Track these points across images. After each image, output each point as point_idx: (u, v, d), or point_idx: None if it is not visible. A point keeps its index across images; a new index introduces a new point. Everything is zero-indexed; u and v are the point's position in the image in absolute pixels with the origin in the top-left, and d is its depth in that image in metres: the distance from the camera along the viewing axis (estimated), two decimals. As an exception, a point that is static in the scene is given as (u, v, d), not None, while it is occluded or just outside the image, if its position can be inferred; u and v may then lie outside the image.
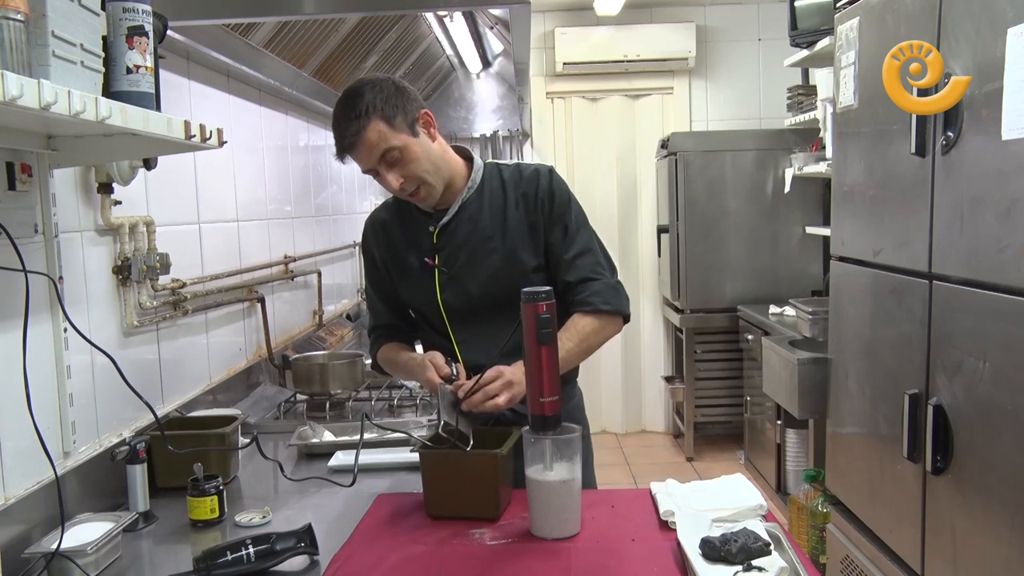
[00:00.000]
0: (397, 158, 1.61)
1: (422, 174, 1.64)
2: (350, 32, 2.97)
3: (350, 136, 1.58)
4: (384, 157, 1.60)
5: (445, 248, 1.73)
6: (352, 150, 1.60)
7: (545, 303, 1.43)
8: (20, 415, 1.37)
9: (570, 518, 1.44)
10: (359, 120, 1.57)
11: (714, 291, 4.63)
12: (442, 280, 1.74)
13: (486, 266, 1.71)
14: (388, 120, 1.59)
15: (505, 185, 1.75)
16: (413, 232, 1.77)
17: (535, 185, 1.73)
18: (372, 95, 1.59)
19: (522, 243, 1.71)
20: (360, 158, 1.61)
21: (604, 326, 1.72)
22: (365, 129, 1.58)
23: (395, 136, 1.60)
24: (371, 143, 1.59)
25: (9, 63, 1.02)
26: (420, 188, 1.66)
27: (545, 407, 1.44)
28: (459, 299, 1.72)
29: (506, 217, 1.72)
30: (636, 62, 5.10)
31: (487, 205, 1.73)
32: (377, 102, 1.59)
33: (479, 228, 1.72)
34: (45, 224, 1.55)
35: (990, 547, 1.73)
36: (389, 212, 1.84)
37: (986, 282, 1.74)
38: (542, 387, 1.44)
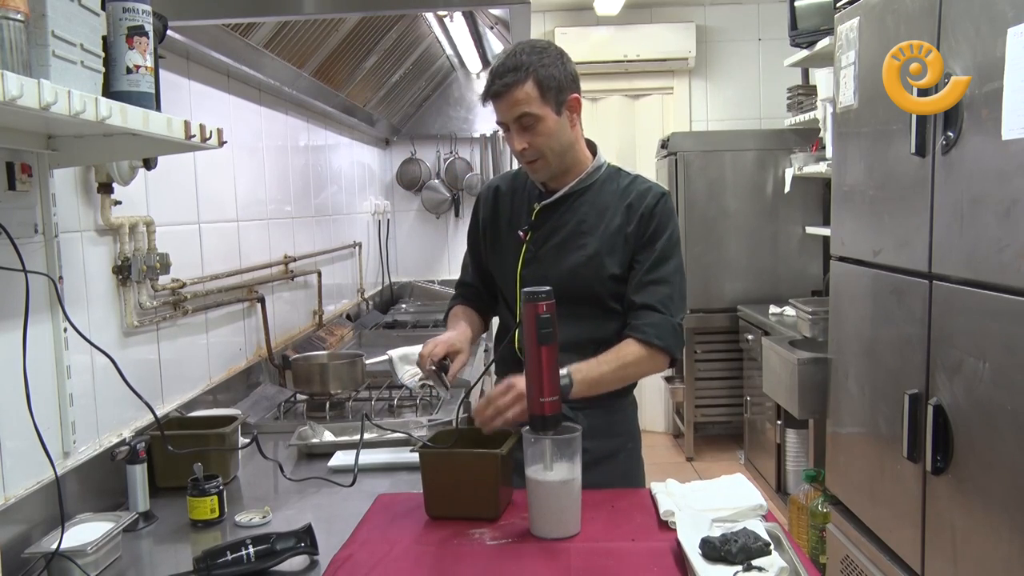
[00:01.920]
0: (531, 124, 1.65)
1: (546, 149, 1.69)
2: (350, 32, 2.97)
3: (500, 85, 1.63)
4: (521, 118, 1.65)
5: (541, 227, 1.77)
6: (497, 98, 1.65)
7: (545, 303, 1.43)
8: (20, 415, 1.37)
9: (570, 518, 1.44)
10: (516, 73, 1.62)
11: (714, 291, 4.63)
12: (527, 256, 1.77)
13: (570, 258, 1.73)
14: (541, 87, 1.64)
15: (619, 190, 1.77)
16: (520, 206, 1.82)
17: (643, 201, 1.74)
18: (539, 59, 1.64)
19: (611, 249, 1.72)
20: (500, 108, 1.66)
21: (649, 360, 1.69)
22: (517, 85, 1.62)
23: (540, 105, 1.65)
24: (516, 100, 1.63)
25: (9, 63, 1.02)
26: (539, 160, 1.70)
27: (545, 407, 1.44)
28: (536, 280, 1.66)
29: (607, 220, 1.74)
30: (636, 62, 5.10)
31: (594, 203, 1.76)
32: (540, 68, 1.64)
33: (577, 220, 1.75)
34: (45, 224, 1.55)
35: (990, 547, 1.73)
36: (506, 182, 1.89)
37: (986, 282, 1.74)
38: (542, 387, 1.44)
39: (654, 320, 1.68)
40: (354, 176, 4.40)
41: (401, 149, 5.25)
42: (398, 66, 3.88)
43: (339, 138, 4.08)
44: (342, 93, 3.51)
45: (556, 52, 1.69)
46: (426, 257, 5.20)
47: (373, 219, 4.79)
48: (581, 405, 1.68)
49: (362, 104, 3.95)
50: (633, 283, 1.72)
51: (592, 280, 1.71)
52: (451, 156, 5.19)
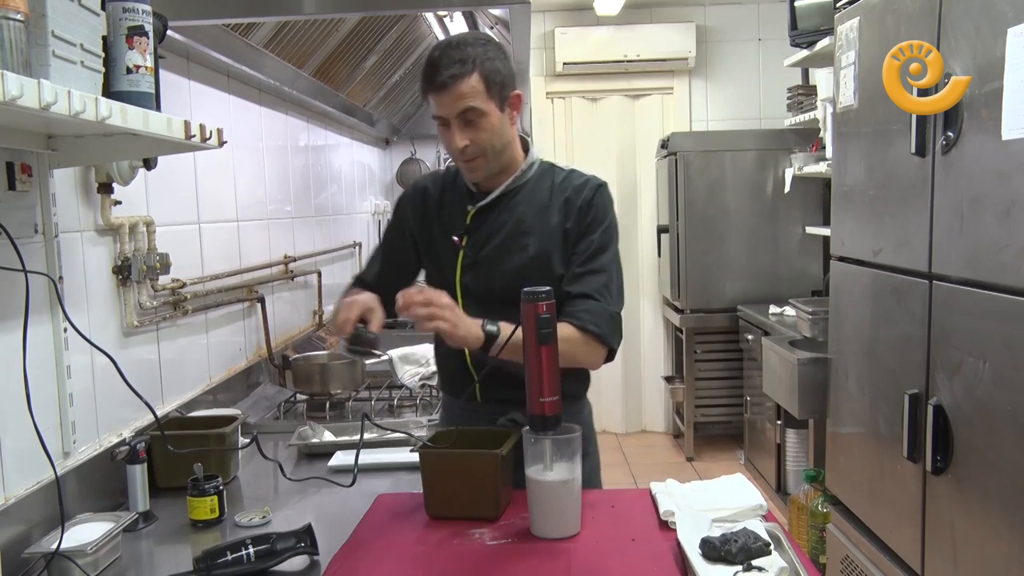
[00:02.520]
0: (474, 120, 1.59)
1: (488, 147, 1.62)
2: (350, 32, 2.97)
3: (445, 76, 1.55)
4: (465, 113, 1.58)
5: (477, 231, 1.70)
6: (441, 91, 1.56)
7: (545, 303, 1.42)
8: (20, 415, 1.37)
9: (570, 518, 1.44)
10: (462, 66, 1.55)
11: (714, 291, 4.63)
12: (464, 263, 1.70)
13: (513, 260, 1.67)
14: (487, 82, 1.58)
15: (554, 187, 1.71)
16: (450, 208, 1.75)
17: (580, 194, 1.69)
18: (484, 52, 1.58)
19: (554, 248, 1.68)
20: (443, 102, 1.58)
21: (583, 345, 1.61)
22: (464, 78, 1.55)
23: (485, 100, 1.58)
24: (461, 93, 1.56)
25: (9, 63, 1.02)
26: (478, 158, 1.64)
27: (545, 407, 1.43)
28: (479, 286, 1.69)
29: (546, 218, 1.69)
30: (636, 62, 5.10)
31: (531, 201, 1.70)
32: (486, 61, 1.57)
33: (516, 221, 1.69)
34: (45, 224, 1.55)
35: (990, 547, 1.73)
36: (434, 183, 1.81)
37: (986, 282, 1.74)
38: (542, 387, 1.43)
39: (590, 307, 1.62)
40: (354, 176, 4.40)
41: (401, 149, 5.25)
42: (398, 66, 3.88)
43: (339, 138, 4.08)
44: (342, 93, 3.51)
45: (498, 46, 1.62)
46: (426, 257, 5.20)
47: (373, 219, 4.79)
48: None
49: (362, 104, 3.95)
50: (569, 275, 1.67)
51: (538, 281, 1.55)
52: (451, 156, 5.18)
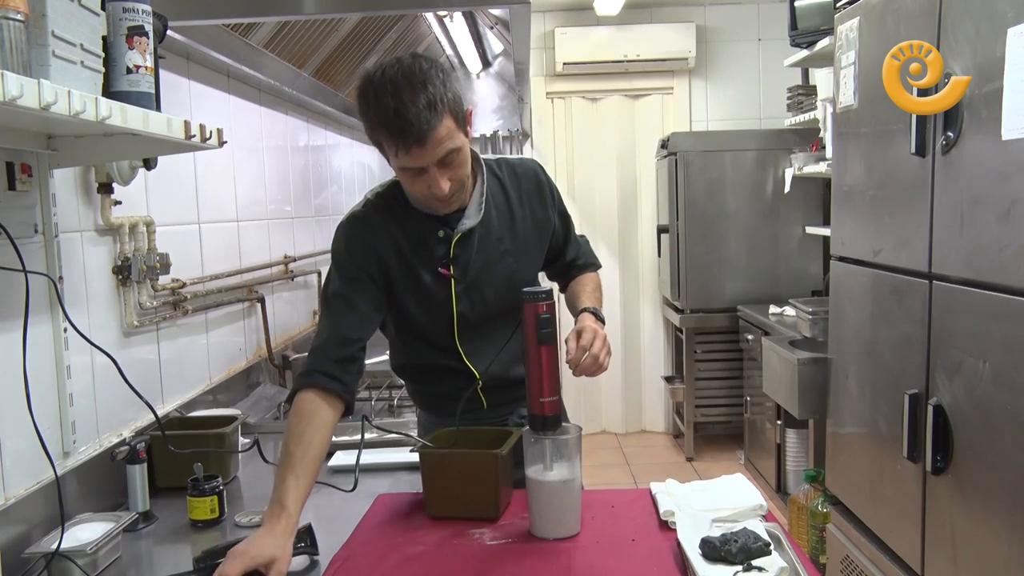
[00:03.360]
0: (452, 160, 1.44)
1: (463, 177, 1.50)
2: (350, 32, 2.97)
3: (423, 126, 1.36)
4: (445, 157, 1.42)
5: (459, 257, 1.59)
6: (423, 143, 1.37)
7: (545, 303, 1.42)
8: (20, 415, 1.37)
9: (570, 518, 1.44)
10: (432, 111, 1.37)
11: (714, 291, 4.63)
12: (458, 291, 1.60)
13: (501, 270, 1.63)
14: (455, 116, 1.42)
15: (503, 183, 1.66)
16: (417, 239, 1.59)
17: (535, 180, 1.69)
18: (440, 86, 1.39)
19: (530, 241, 1.67)
20: (421, 154, 1.39)
21: None
22: (439, 124, 1.38)
23: (458, 135, 1.43)
24: (440, 140, 1.39)
25: (9, 63, 1.02)
26: (456, 193, 1.51)
27: (545, 407, 1.43)
28: (475, 309, 1.62)
29: (512, 216, 1.65)
30: (636, 62, 5.10)
31: (494, 207, 1.63)
32: (448, 94, 1.40)
33: (488, 231, 1.62)
34: (45, 224, 1.55)
35: (990, 547, 1.73)
36: (380, 214, 1.59)
37: (986, 282, 1.74)
38: (542, 387, 1.43)
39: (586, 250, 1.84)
40: (354, 176, 4.40)
41: (401, 149, 5.23)
42: (398, 66, 3.87)
43: (339, 138, 4.08)
44: (342, 93, 3.51)
45: (444, 67, 1.44)
46: (426, 257, 5.19)
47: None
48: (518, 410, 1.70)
49: (362, 104, 3.94)
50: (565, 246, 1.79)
51: (530, 279, 1.69)
52: (451, 156, 5.18)
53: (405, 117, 1.36)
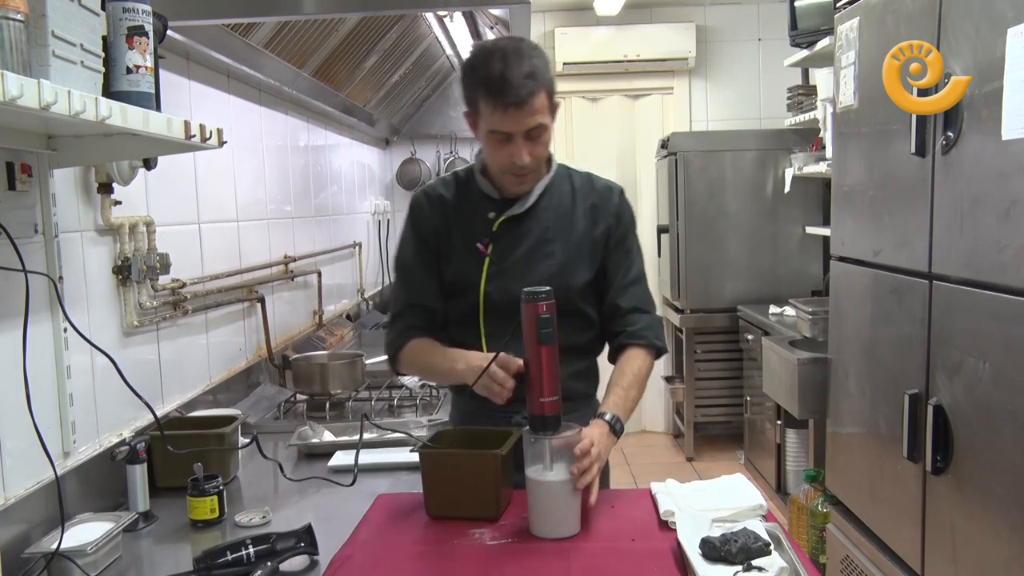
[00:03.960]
0: (538, 136, 1.56)
1: (541, 158, 1.61)
2: (350, 32, 2.97)
3: (523, 93, 1.48)
4: (532, 129, 1.54)
5: (502, 239, 1.65)
6: (515, 107, 1.49)
7: (545, 303, 1.43)
8: (20, 415, 1.37)
9: (570, 518, 1.44)
10: (534, 80, 1.49)
11: (714, 291, 4.63)
12: (490, 271, 1.66)
13: (540, 269, 1.64)
14: (549, 96, 1.55)
15: (575, 192, 1.70)
16: (469, 215, 1.69)
17: (607, 200, 1.70)
18: (543, 64, 1.53)
19: (581, 255, 1.67)
20: (515, 118, 1.51)
21: (651, 363, 1.71)
22: (536, 94, 1.50)
23: (547, 115, 1.55)
24: (534, 110, 1.51)
25: (9, 63, 1.02)
26: (532, 172, 1.61)
27: (545, 407, 1.44)
28: (503, 295, 1.63)
29: (572, 224, 1.67)
30: (636, 62, 5.10)
31: (554, 206, 1.68)
32: (547, 74, 1.53)
33: (542, 228, 1.66)
34: (45, 224, 1.55)
35: (990, 547, 1.73)
36: (448, 189, 1.73)
37: (986, 282, 1.73)
38: (542, 387, 1.44)
39: (646, 322, 1.70)
40: (354, 176, 4.40)
41: (401, 149, 5.25)
42: (398, 66, 3.88)
43: (339, 138, 4.08)
44: (342, 93, 3.51)
45: (543, 52, 1.58)
46: (426, 257, 5.19)
47: (373, 219, 4.79)
48: None
49: (362, 104, 3.95)
50: (614, 289, 1.70)
51: (565, 289, 1.61)
52: (451, 156, 5.19)
53: (509, 80, 1.48)
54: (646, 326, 1.69)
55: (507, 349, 1.53)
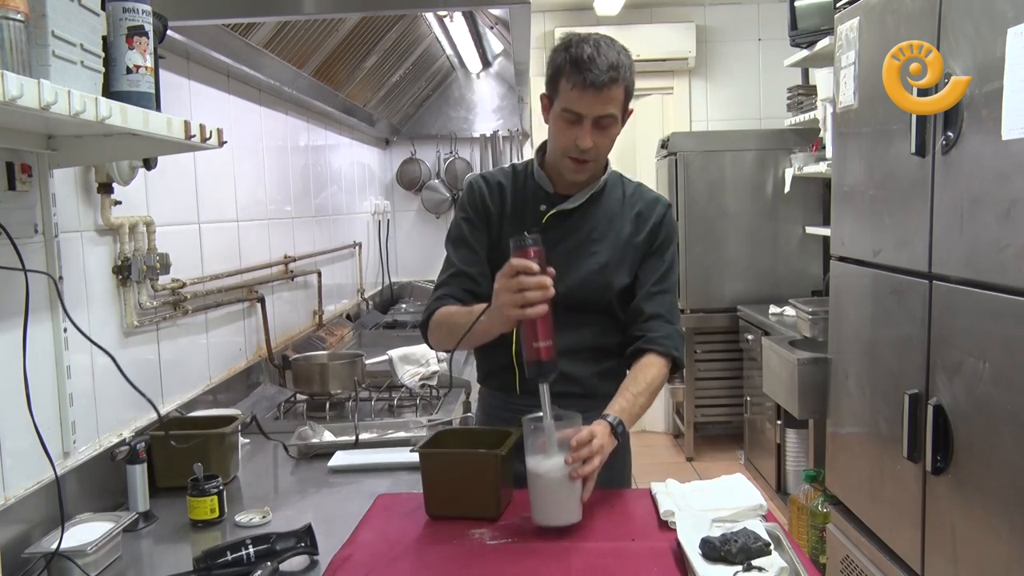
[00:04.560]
0: (607, 126, 1.62)
1: (604, 151, 1.67)
2: (350, 32, 2.97)
3: (605, 77, 1.55)
4: (603, 118, 1.60)
5: (550, 232, 1.67)
6: (593, 89, 1.55)
7: (533, 248, 1.43)
8: (20, 415, 1.37)
9: (572, 506, 1.44)
10: (615, 71, 1.57)
11: (714, 291, 4.63)
12: None
13: (581, 268, 1.68)
14: (627, 94, 1.62)
15: (625, 198, 1.75)
16: (522, 206, 1.74)
17: (653, 210, 1.74)
18: (631, 64, 1.62)
19: (622, 259, 1.70)
20: (590, 100, 1.57)
21: (666, 373, 1.70)
22: (616, 84, 1.58)
23: (620, 110, 1.62)
24: (610, 98, 1.58)
25: (9, 63, 1.02)
26: (591, 162, 1.66)
27: (540, 352, 1.43)
28: None
29: (616, 229, 1.71)
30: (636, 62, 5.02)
31: (603, 210, 1.73)
32: (631, 75, 1.62)
33: (588, 227, 1.71)
34: (45, 224, 1.55)
35: (990, 547, 1.73)
36: (507, 180, 1.78)
37: (986, 282, 1.74)
38: (536, 332, 1.43)
39: (668, 331, 1.70)
40: (354, 176, 4.40)
41: (401, 149, 5.25)
42: (398, 66, 3.88)
43: (339, 138, 4.08)
44: (342, 93, 3.51)
45: (630, 55, 1.65)
46: (426, 257, 5.19)
47: (373, 219, 4.79)
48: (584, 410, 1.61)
49: (362, 104, 3.95)
50: (642, 292, 1.72)
51: (603, 289, 1.68)
52: (451, 156, 5.19)
53: (595, 62, 1.55)
54: (667, 335, 1.70)
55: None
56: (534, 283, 1.40)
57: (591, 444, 1.44)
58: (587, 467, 1.43)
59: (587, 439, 1.44)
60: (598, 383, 1.71)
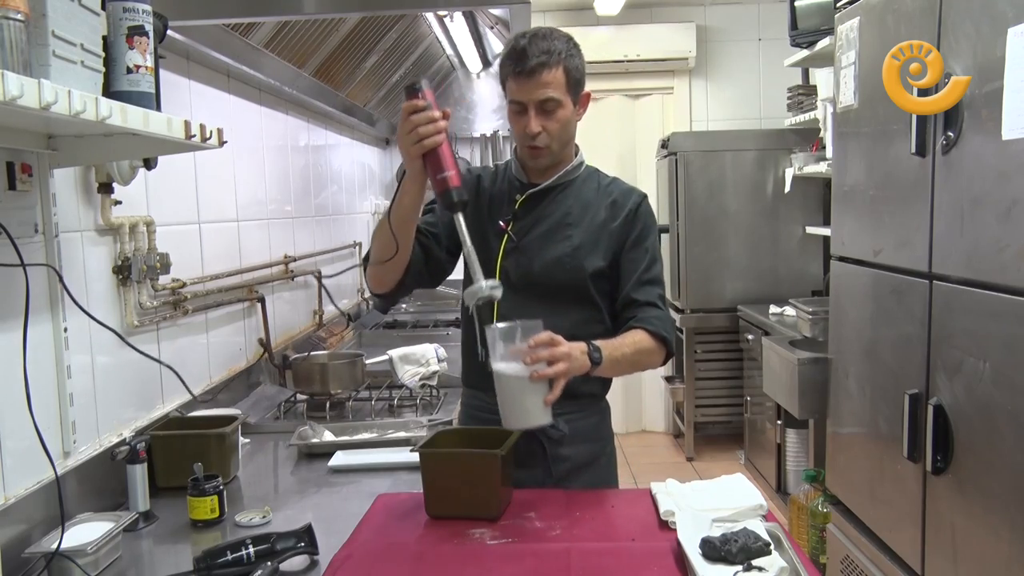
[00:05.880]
0: (552, 110, 1.65)
1: (556, 137, 1.69)
2: (350, 32, 2.97)
3: (534, 63, 1.61)
4: (545, 102, 1.64)
5: (523, 218, 1.75)
6: (530, 76, 1.62)
7: (424, 91, 1.50)
8: (20, 415, 1.37)
9: (535, 408, 1.45)
10: (550, 56, 1.62)
11: (714, 291, 4.63)
12: (508, 247, 1.73)
13: (555, 249, 1.72)
14: (568, 76, 1.65)
15: (600, 189, 1.78)
16: (499, 196, 1.79)
17: (628, 198, 1.77)
18: (567, 48, 1.66)
19: (595, 243, 1.73)
20: (526, 87, 1.63)
21: (656, 352, 1.72)
22: (551, 67, 1.62)
23: (563, 92, 1.65)
24: (546, 82, 1.62)
25: (9, 63, 1.02)
26: (545, 147, 1.69)
27: (448, 181, 1.51)
28: (519, 271, 1.72)
29: (591, 215, 1.75)
30: (636, 62, 5.10)
31: (577, 197, 1.76)
32: (569, 57, 1.65)
33: (562, 212, 1.74)
34: (45, 224, 1.55)
35: (990, 547, 1.73)
36: (487, 175, 1.85)
37: (986, 282, 1.74)
38: (439, 164, 1.52)
39: (659, 315, 1.73)
40: (354, 176, 4.40)
41: (401, 149, 5.24)
42: (398, 66, 3.88)
43: (339, 138, 4.08)
44: (342, 93, 3.51)
45: (577, 45, 1.70)
46: (426, 257, 5.19)
47: (373, 219, 4.78)
48: (563, 411, 1.65)
49: (362, 104, 3.95)
50: (632, 282, 1.74)
51: (576, 271, 1.71)
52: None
53: (525, 51, 1.62)
54: (657, 317, 1.73)
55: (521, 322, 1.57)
56: (424, 118, 1.49)
57: (554, 347, 1.48)
58: (549, 369, 1.46)
59: (545, 339, 1.48)
60: (581, 385, 1.67)
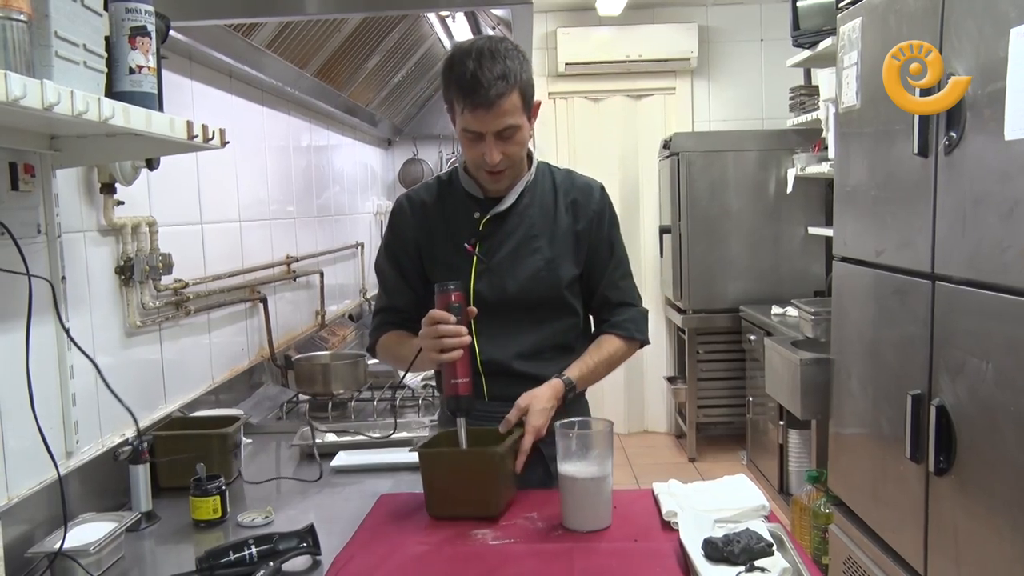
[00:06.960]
0: (509, 136, 1.57)
1: (516, 158, 1.63)
2: (352, 32, 2.97)
3: (492, 94, 1.50)
4: (504, 130, 1.55)
5: (489, 238, 1.68)
6: (489, 108, 1.51)
7: (454, 292, 1.53)
8: (23, 415, 1.37)
9: (601, 511, 1.47)
10: (504, 82, 1.51)
11: (716, 291, 4.63)
12: (478, 269, 1.68)
13: (528, 265, 1.68)
14: (523, 97, 1.56)
15: (556, 188, 1.73)
16: (454, 217, 1.71)
17: (588, 197, 1.73)
18: (518, 65, 1.54)
19: (566, 250, 1.70)
20: (484, 119, 1.53)
21: (629, 351, 1.78)
22: (507, 95, 1.52)
23: (521, 115, 1.57)
24: (504, 111, 1.53)
25: (12, 63, 1.02)
26: (507, 170, 1.63)
27: (458, 388, 1.54)
28: (494, 292, 1.67)
29: (555, 220, 1.70)
30: (638, 62, 5.09)
31: (538, 203, 1.71)
32: (522, 74, 1.55)
33: (527, 224, 1.69)
34: (48, 224, 1.55)
35: (993, 548, 1.72)
36: (430, 194, 1.75)
37: (989, 283, 1.73)
38: (454, 371, 1.54)
39: (632, 315, 1.77)
40: (356, 176, 4.41)
41: (403, 149, 5.25)
42: (400, 66, 3.88)
43: (341, 138, 4.08)
44: (344, 93, 3.51)
45: (523, 53, 1.59)
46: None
47: (375, 219, 4.79)
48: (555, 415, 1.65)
49: (364, 104, 3.95)
50: (604, 283, 1.75)
51: (553, 285, 1.68)
52: (453, 156, 5.19)
53: (479, 80, 1.50)
54: (630, 318, 1.76)
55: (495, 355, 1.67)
56: (450, 331, 1.52)
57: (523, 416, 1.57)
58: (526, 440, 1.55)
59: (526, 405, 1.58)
60: None
